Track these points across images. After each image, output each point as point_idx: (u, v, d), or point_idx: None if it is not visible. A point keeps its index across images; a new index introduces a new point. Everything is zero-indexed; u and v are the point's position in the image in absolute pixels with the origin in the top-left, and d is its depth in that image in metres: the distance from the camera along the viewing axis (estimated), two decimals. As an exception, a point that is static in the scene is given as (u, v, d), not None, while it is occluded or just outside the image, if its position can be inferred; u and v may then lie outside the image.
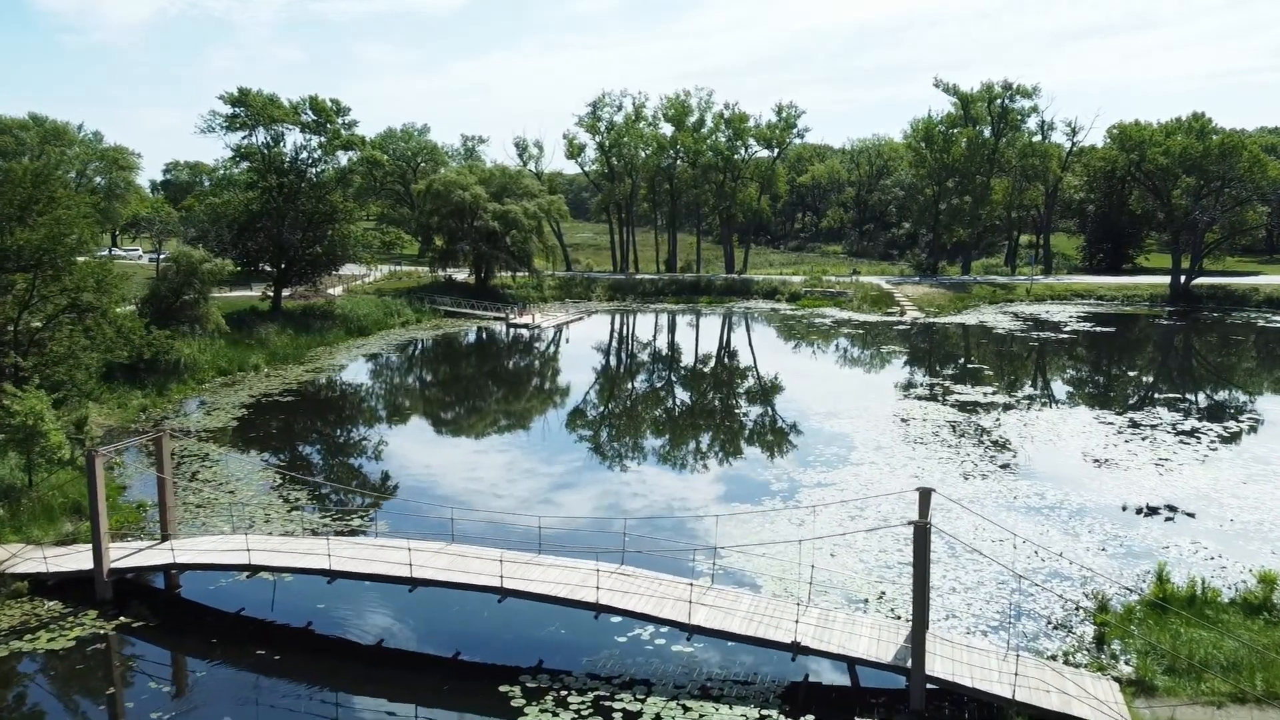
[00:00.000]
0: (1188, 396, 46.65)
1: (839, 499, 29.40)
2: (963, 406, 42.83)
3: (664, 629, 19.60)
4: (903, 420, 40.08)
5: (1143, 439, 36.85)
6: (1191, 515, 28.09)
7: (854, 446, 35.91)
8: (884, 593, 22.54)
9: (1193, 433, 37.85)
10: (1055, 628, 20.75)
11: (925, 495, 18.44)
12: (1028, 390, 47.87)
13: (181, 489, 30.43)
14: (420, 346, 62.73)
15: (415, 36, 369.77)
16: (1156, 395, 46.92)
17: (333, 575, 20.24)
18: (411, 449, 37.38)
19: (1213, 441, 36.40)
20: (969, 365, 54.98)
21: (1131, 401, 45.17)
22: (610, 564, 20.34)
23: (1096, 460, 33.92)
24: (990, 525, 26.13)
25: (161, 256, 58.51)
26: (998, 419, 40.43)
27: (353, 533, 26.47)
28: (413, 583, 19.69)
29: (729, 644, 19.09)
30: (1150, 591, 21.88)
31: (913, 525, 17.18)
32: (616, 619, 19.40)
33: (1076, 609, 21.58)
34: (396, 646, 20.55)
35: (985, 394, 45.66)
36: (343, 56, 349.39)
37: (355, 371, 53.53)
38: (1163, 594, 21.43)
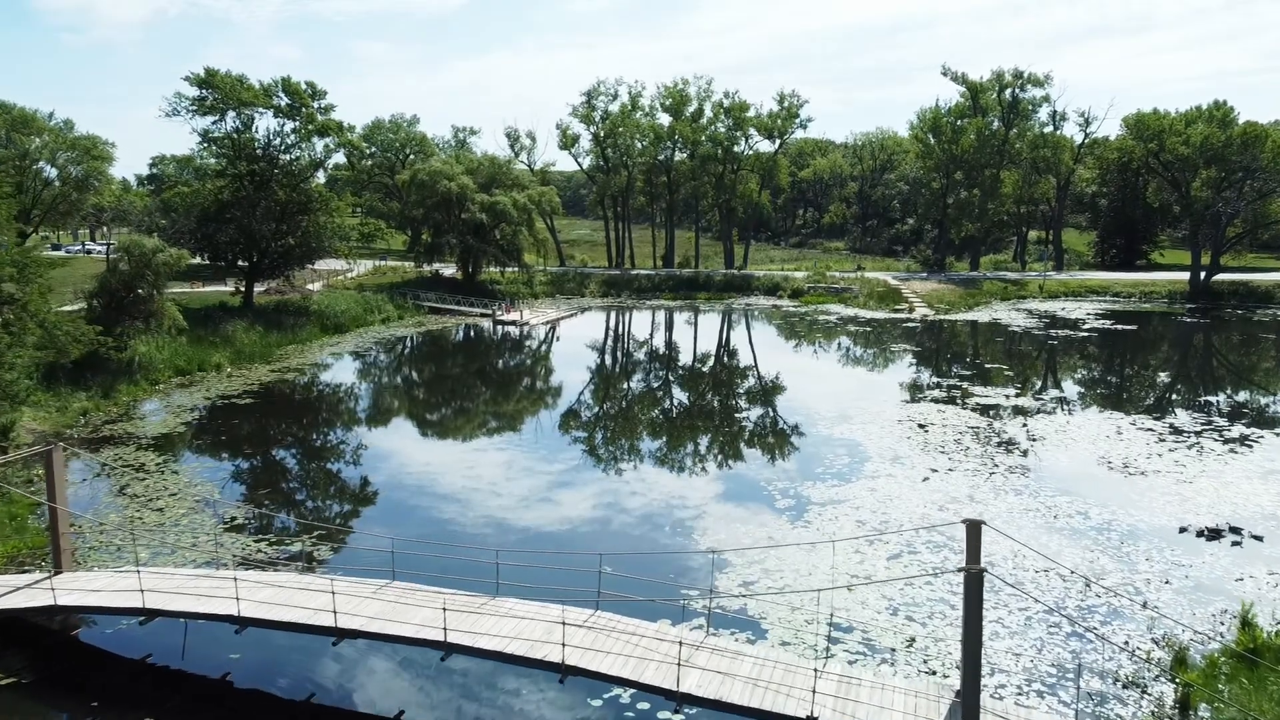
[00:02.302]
0: (1227, 400, 42.97)
1: (853, 519, 25.67)
2: (984, 410, 39.12)
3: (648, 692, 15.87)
4: (920, 426, 36.35)
5: (1188, 447, 33.12)
6: (1259, 539, 24.38)
7: (867, 456, 32.18)
8: (913, 639, 18.80)
9: (1242, 440, 34.15)
10: (1125, 686, 17.01)
11: (974, 530, 14.69)
12: (1053, 392, 44.13)
13: (103, 507, 26.73)
14: (399, 345, 58.95)
15: (414, 35, 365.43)
16: (1193, 399, 43.20)
17: (241, 623, 16.52)
18: (378, 457, 33.61)
19: (1267, 450, 32.69)
20: (986, 365, 51.23)
21: (1168, 406, 41.46)
22: (581, 609, 16.61)
23: (1141, 472, 30.20)
24: (1031, 553, 22.43)
25: (111, 246, 54.72)
26: (1024, 424, 36.70)
27: (297, 558, 22.73)
28: (337, 634, 15.97)
29: (729, 714, 15.36)
30: (1235, 639, 18.18)
31: (963, 572, 13.44)
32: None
33: (1148, 661, 17.85)
34: (329, 703, 16.91)
35: (1007, 396, 41.94)
36: (341, 55, 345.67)
37: (324, 372, 49.74)
38: (1251, 643, 17.74)
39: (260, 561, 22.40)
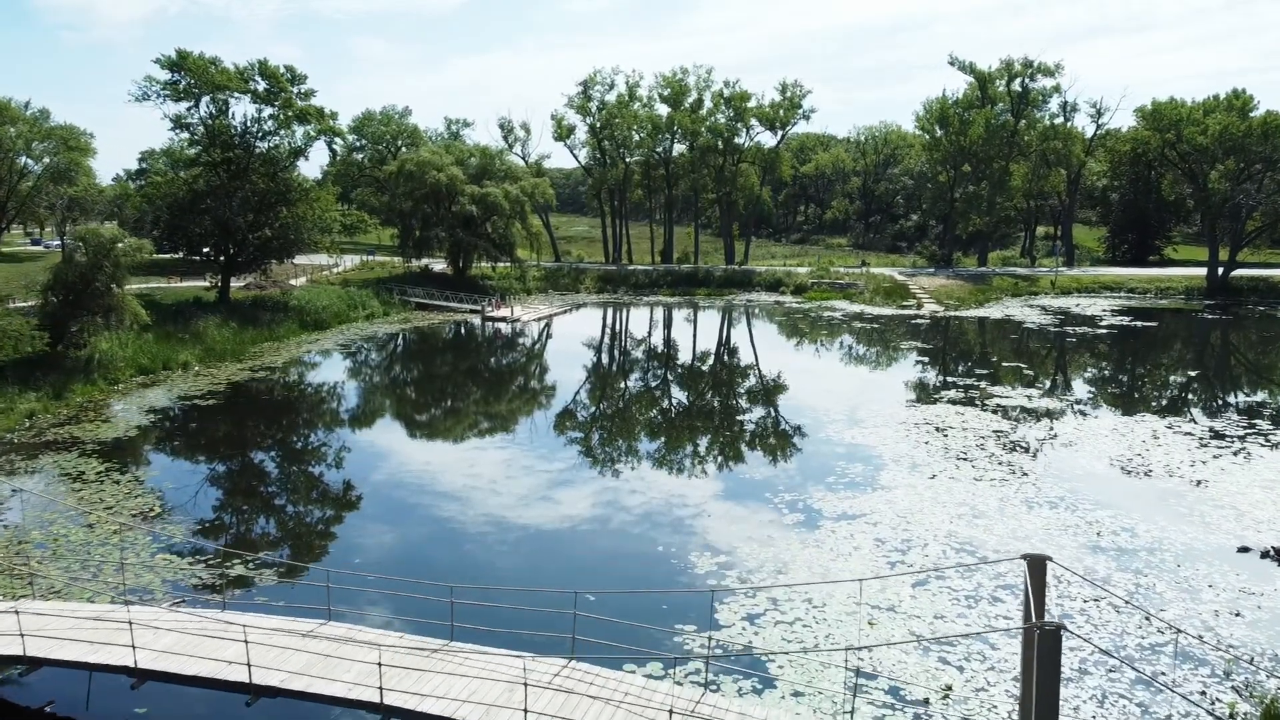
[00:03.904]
0: (1264, 401, 40.07)
1: (871, 537, 22.72)
2: (1006, 412, 36.17)
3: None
4: (938, 429, 33.41)
5: (1234, 453, 30.20)
6: (1333, 560, 21.46)
7: (883, 463, 29.24)
8: (949, 688, 15.87)
9: (1291, 445, 31.23)
10: (1211, 751, 14.10)
11: (1038, 568, 11.77)
12: (1077, 392, 41.20)
13: (28, 523, 23.77)
14: (381, 342, 55.96)
15: (414, 34, 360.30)
16: (1229, 400, 40.33)
17: (139, 675, 13.59)
18: (343, 464, 30.71)
19: (1322, 457, 29.79)
20: (1003, 363, 48.28)
21: (1203, 407, 38.58)
22: (552, 659, 13.67)
23: (1185, 480, 27.27)
24: (1076, 579, 19.50)
25: (66, 241, 51.78)
26: (1051, 428, 33.76)
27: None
28: (251, 691, 13.03)
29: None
30: (1335, 690, 15.27)
31: (1033, 630, 10.49)
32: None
33: (1232, 717, 14.93)
34: (252, 766, 13.99)
35: (1029, 397, 39.00)
36: (341, 55, 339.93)
37: (298, 371, 46.80)
38: (1356, 695, 14.84)
39: (191, 589, 19.45)
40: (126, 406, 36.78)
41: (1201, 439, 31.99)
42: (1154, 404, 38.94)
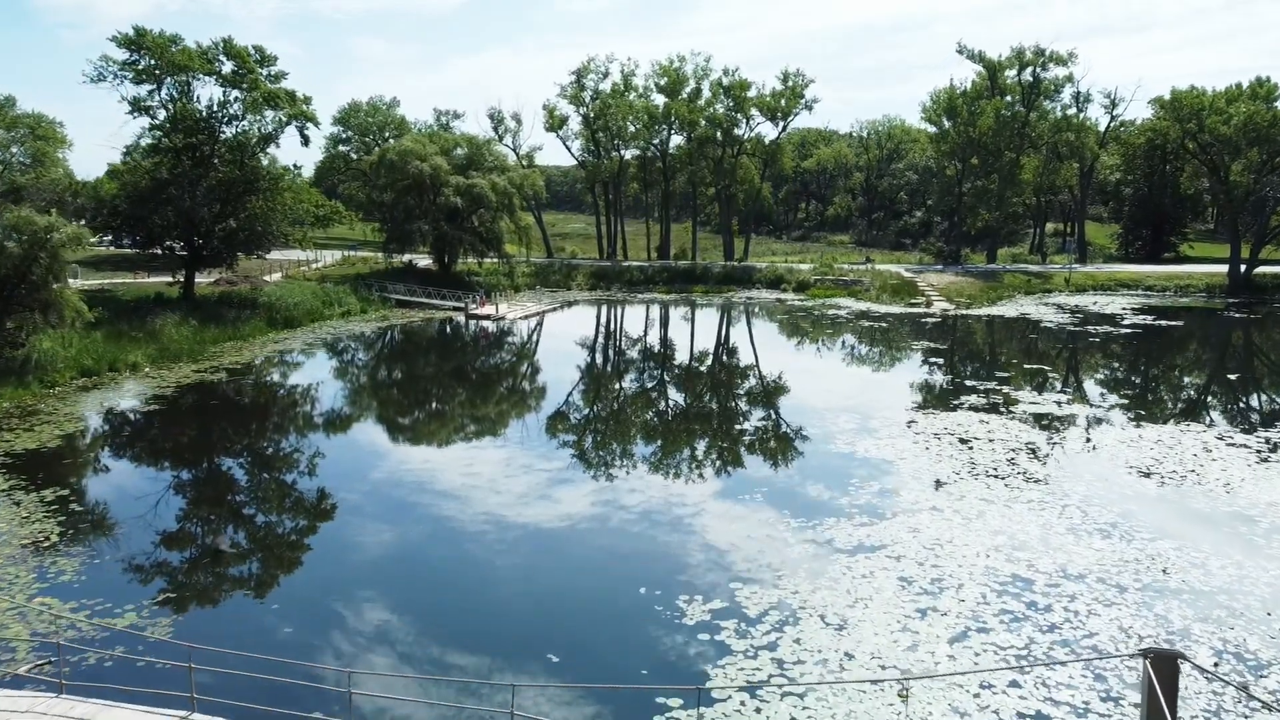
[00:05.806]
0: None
1: (895, 575, 19.07)
2: (1035, 421, 32.51)
3: None
4: (961, 440, 29.77)
5: (1301, 470, 26.58)
6: None
7: (901, 479, 25.63)
8: (1010, 793, 12.25)
9: (1362, 460, 27.61)
10: None
11: (1167, 669, 8.13)
12: (1111, 398, 37.54)
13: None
14: (354, 342, 52.24)
15: (413, 34, 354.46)
16: (1277, 405, 36.73)
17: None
18: (285, 486, 27.12)
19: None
20: (1025, 365, 44.62)
21: (1252, 415, 35.00)
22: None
23: (1253, 502, 23.64)
24: (1133, 638, 15.91)
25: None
26: (1088, 439, 30.14)
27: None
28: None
29: None
30: None
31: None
32: None
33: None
34: None
35: (1059, 403, 35.37)
36: (341, 55, 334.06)
37: (259, 373, 43.12)
38: None
39: (57, 648, 15.78)
40: (57, 412, 33.08)
41: (1260, 452, 28.36)
42: (1198, 411, 35.35)
